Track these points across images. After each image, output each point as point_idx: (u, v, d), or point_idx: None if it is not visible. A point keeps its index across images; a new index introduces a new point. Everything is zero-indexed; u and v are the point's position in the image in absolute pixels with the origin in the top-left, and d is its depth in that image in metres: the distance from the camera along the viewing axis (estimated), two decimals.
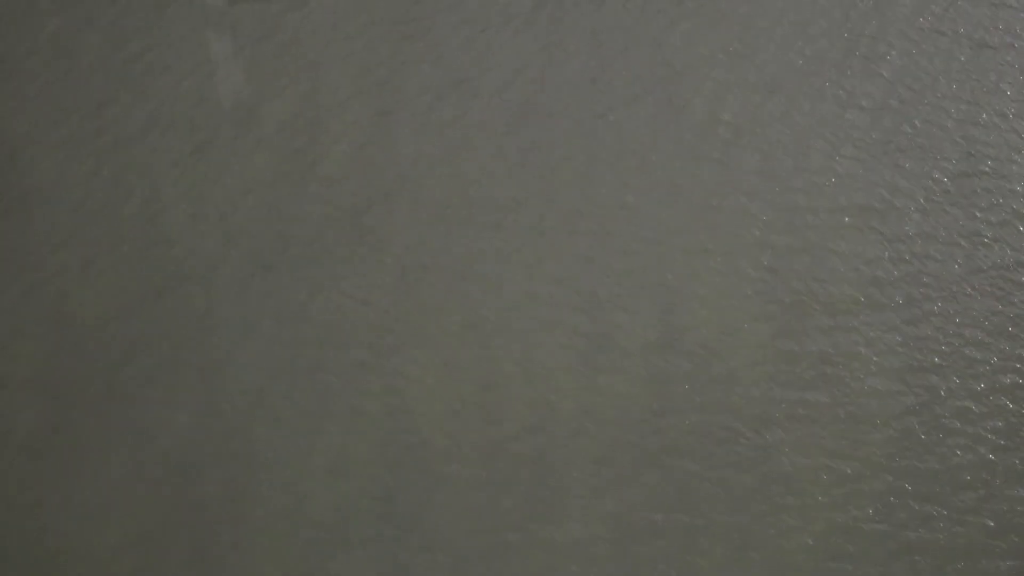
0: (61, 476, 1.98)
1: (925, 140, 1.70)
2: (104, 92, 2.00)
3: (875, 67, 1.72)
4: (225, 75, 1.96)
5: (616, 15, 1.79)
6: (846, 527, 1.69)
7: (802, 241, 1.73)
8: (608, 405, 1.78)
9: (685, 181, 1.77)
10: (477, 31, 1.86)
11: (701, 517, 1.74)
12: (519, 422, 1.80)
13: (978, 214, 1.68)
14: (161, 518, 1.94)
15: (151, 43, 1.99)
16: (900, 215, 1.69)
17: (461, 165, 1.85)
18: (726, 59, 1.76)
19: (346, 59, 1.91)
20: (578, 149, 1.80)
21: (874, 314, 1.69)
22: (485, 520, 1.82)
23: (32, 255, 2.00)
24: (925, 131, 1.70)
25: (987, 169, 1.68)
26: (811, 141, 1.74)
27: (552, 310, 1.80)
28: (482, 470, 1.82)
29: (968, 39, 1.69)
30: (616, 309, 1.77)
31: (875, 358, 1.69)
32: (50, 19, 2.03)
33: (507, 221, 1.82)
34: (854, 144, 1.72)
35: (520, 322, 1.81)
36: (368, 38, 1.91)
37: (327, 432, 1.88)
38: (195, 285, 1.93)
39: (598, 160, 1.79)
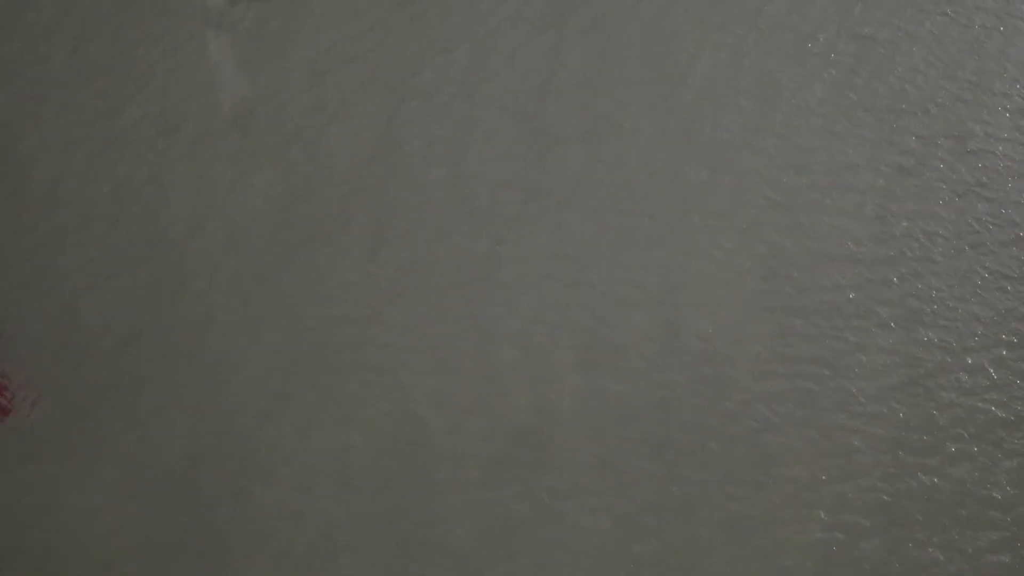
0: (61, 475, 1.97)
1: (925, 117, 1.71)
2: (106, 93, 2.01)
3: (872, 45, 1.72)
4: (225, 75, 1.96)
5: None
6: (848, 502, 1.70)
7: (802, 219, 1.73)
8: (610, 400, 1.78)
9: (685, 168, 1.77)
10: (479, 16, 1.87)
11: (704, 517, 1.74)
12: (521, 420, 1.81)
13: (976, 189, 1.69)
14: (164, 525, 1.94)
15: (152, 43, 1.99)
16: (900, 192, 1.70)
17: (463, 159, 1.85)
18: (724, 43, 1.76)
19: (346, 58, 1.91)
20: (582, 140, 1.81)
21: (874, 296, 1.70)
22: (489, 518, 1.81)
23: (36, 257, 2.00)
24: (924, 108, 1.71)
25: (985, 145, 1.68)
26: (810, 121, 1.74)
27: (554, 298, 1.80)
28: (485, 470, 1.81)
29: (967, 17, 1.70)
30: (617, 299, 1.77)
31: (875, 329, 1.69)
32: (55, 21, 2.04)
33: (509, 215, 1.83)
34: (853, 118, 1.73)
35: (522, 318, 1.81)
36: (369, 35, 1.91)
37: (329, 432, 1.88)
38: (199, 282, 1.93)
39: (603, 151, 1.80)
